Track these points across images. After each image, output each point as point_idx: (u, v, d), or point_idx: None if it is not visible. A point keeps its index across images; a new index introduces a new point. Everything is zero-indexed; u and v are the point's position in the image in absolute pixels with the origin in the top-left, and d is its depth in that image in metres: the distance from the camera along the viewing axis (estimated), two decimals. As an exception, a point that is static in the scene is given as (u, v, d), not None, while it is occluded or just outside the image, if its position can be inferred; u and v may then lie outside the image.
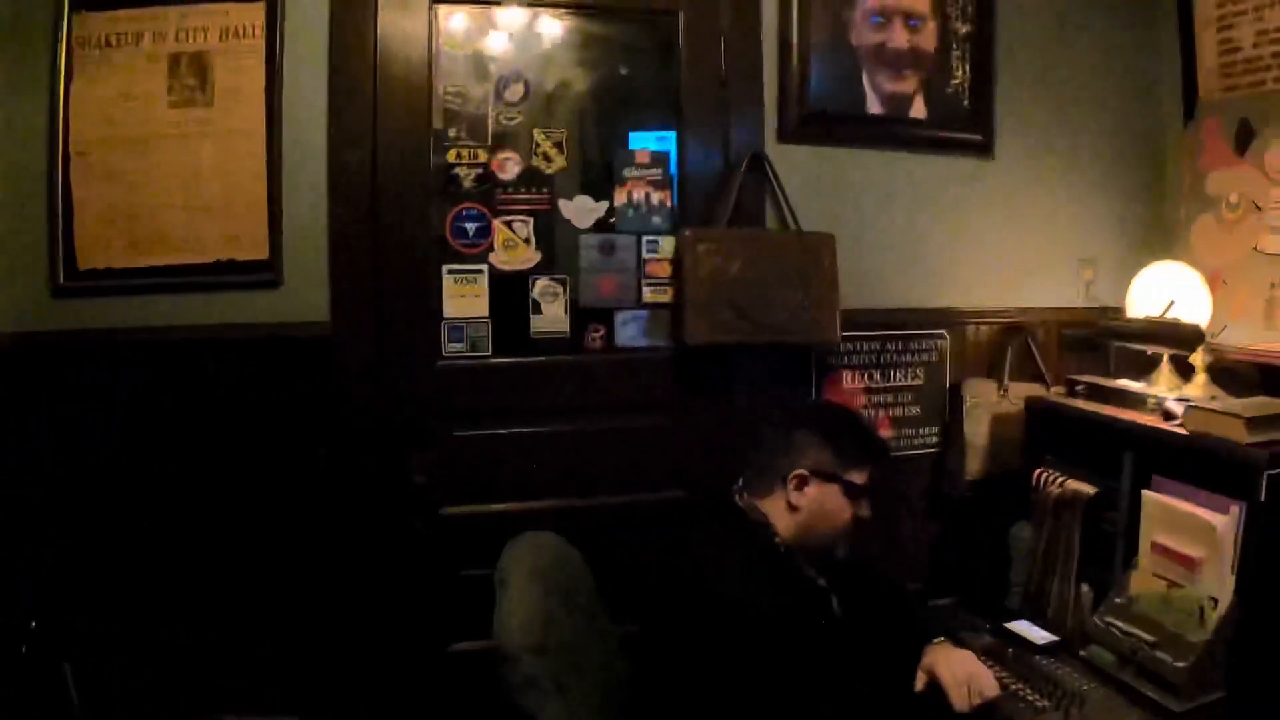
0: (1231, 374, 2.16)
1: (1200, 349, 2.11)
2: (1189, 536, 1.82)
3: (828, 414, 1.97)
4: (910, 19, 2.34)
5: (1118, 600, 1.88)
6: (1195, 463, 1.84)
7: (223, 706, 1.99)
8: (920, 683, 1.69)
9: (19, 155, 2.06)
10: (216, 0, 2.08)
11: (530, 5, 2.18)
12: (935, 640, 1.75)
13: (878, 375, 2.36)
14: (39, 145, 2.06)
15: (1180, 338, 2.13)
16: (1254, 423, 1.81)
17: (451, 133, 2.15)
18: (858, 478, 1.77)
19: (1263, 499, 1.70)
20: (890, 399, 2.38)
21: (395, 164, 2.10)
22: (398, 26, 2.10)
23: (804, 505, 1.74)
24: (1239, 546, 1.73)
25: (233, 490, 2.07)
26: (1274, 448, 1.74)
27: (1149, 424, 1.96)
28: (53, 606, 1.98)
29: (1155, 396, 2.04)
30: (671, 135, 2.25)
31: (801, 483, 1.74)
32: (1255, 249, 2.30)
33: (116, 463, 2.05)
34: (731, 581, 1.61)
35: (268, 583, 2.09)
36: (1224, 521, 1.75)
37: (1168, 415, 1.96)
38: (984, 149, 2.44)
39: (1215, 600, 1.73)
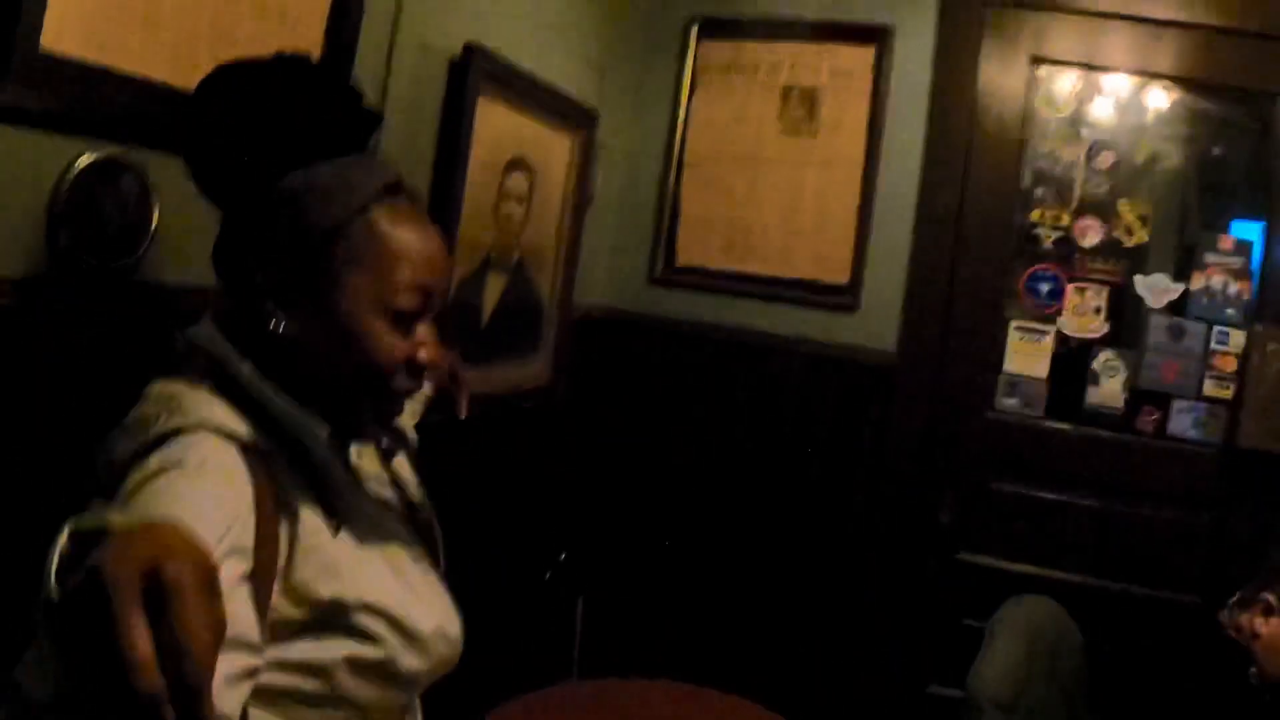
0: None
1: None
2: None
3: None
4: None
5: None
6: None
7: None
8: None
9: (640, 162, 2.33)
10: (829, 41, 2.24)
11: (1134, 74, 2.17)
12: None
13: None
14: (657, 154, 2.31)
15: None
16: None
17: (1037, 192, 2.19)
18: None
19: None
20: None
21: (979, 214, 2.17)
22: (996, 82, 2.17)
23: None
24: None
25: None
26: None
27: None
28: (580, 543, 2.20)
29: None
30: (1259, 225, 2.18)
31: None
32: None
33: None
34: None
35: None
36: None
37: None
38: None
39: None
